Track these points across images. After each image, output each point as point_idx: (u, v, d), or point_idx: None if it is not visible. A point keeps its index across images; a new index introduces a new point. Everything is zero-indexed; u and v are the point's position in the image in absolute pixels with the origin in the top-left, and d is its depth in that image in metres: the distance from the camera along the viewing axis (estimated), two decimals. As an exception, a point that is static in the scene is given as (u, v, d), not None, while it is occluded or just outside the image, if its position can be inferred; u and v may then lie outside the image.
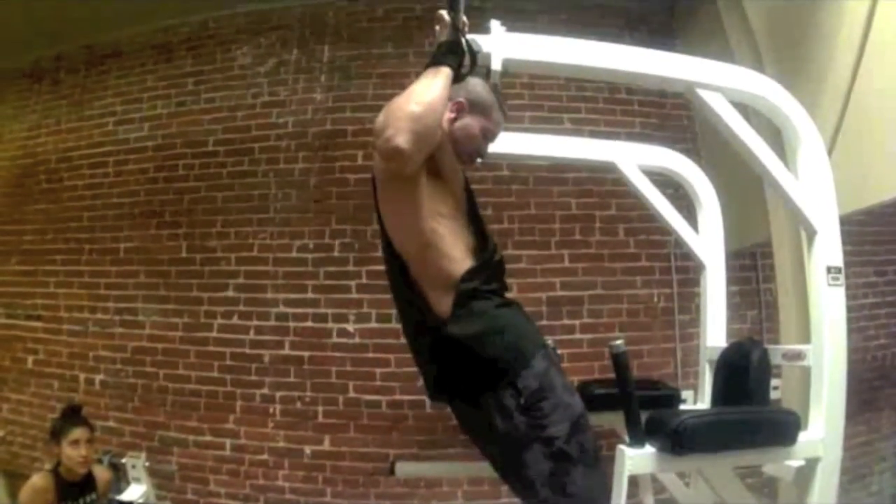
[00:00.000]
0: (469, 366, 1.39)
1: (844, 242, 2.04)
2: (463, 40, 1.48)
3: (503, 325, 1.42)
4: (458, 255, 1.45)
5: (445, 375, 1.47)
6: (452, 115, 1.54)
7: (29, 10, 3.88)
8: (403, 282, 1.50)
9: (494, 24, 1.79)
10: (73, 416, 2.67)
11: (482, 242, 1.52)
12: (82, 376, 3.79)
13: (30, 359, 3.99)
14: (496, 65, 1.75)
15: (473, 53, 1.52)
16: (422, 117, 1.30)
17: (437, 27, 1.50)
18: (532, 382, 1.34)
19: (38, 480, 2.54)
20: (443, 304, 1.42)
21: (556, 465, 1.32)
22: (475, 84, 1.59)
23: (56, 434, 2.58)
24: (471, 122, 1.56)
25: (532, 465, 1.33)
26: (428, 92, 1.35)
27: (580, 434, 1.34)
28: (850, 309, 2.01)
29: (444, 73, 1.40)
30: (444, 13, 1.48)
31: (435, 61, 1.43)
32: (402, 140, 1.27)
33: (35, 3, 3.80)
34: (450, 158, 1.52)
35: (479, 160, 1.62)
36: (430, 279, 1.45)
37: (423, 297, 1.45)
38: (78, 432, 2.56)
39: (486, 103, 1.59)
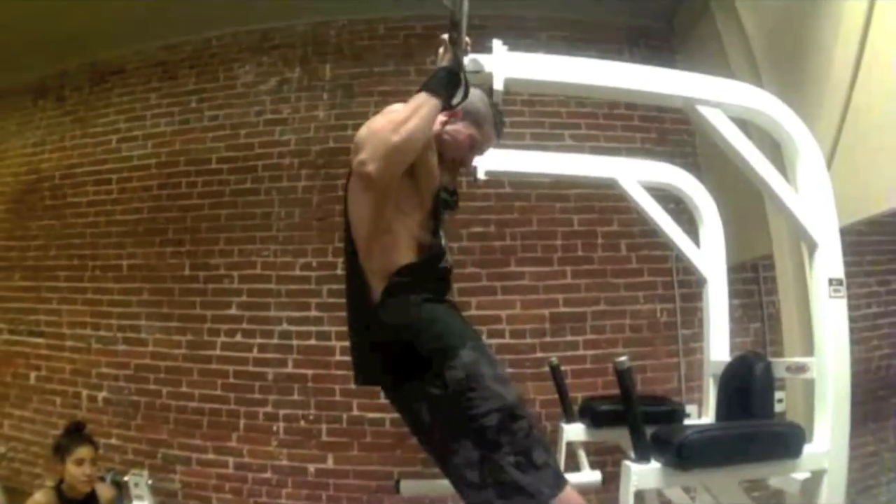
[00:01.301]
0: (396, 355, 1.40)
1: (845, 253, 2.04)
2: (462, 73, 1.46)
3: (430, 318, 1.42)
4: (403, 249, 1.46)
5: (377, 363, 1.49)
6: (444, 118, 1.55)
7: (33, 27, 3.92)
8: (352, 268, 1.52)
9: (496, 44, 1.80)
10: (77, 434, 2.65)
11: (431, 245, 1.52)
12: (85, 393, 3.79)
13: (32, 375, 3.99)
14: (498, 84, 1.77)
15: (468, 85, 1.51)
16: (400, 148, 1.33)
17: (441, 49, 1.50)
18: (458, 373, 1.33)
19: (40, 497, 2.52)
20: (377, 292, 1.44)
21: (485, 455, 1.31)
22: (474, 94, 1.58)
23: (60, 452, 2.56)
24: (460, 129, 1.59)
25: (460, 454, 1.33)
26: (412, 120, 1.34)
27: (512, 423, 1.33)
28: (852, 319, 2.00)
29: (433, 104, 1.40)
30: (446, 37, 1.47)
31: (429, 88, 1.42)
32: (373, 168, 1.30)
33: (39, 21, 3.84)
34: (432, 161, 1.53)
35: (463, 170, 1.63)
36: (373, 267, 1.46)
37: (365, 284, 1.47)
38: (83, 451, 2.55)
39: (480, 115, 1.61)
